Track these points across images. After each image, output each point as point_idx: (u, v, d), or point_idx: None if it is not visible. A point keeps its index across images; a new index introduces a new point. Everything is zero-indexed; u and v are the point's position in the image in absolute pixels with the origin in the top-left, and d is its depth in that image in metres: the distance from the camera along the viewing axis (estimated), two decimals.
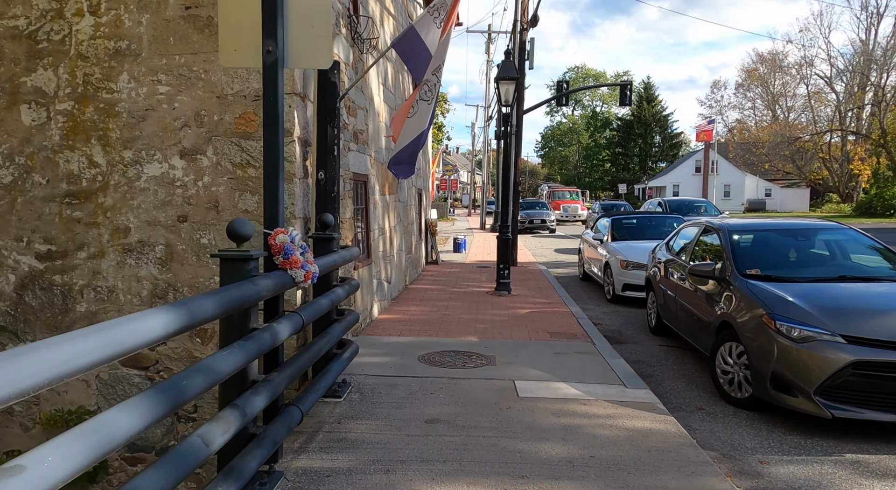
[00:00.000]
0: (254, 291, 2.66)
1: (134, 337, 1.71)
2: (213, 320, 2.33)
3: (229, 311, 2.46)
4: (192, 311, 2.03)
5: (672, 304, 6.78)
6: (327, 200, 4.79)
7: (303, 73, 4.79)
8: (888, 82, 46.10)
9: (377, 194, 8.06)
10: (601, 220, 12.39)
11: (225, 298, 2.36)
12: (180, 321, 1.94)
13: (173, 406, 1.84)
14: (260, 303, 2.99)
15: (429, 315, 8.18)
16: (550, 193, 39.88)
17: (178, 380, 1.98)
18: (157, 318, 1.83)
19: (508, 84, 9.33)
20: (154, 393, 1.79)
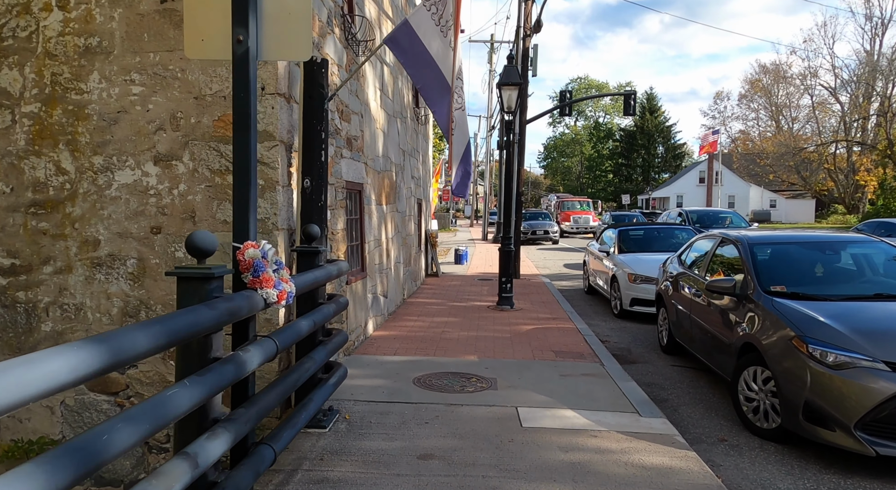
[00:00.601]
0: (209, 318, 2.25)
1: (20, 389, 1.30)
2: (154, 354, 1.92)
3: (179, 341, 2.05)
4: (115, 348, 1.62)
5: (686, 322, 6.34)
6: (314, 210, 4.40)
7: (287, 72, 4.41)
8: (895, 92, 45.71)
9: (373, 204, 7.67)
10: (607, 232, 11.98)
11: (169, 328, 1.95)
12: (95, 363, 1.53)
13: (78, 475, 1.42)
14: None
15: (427, 331, 7.75)
16: (559, 204, 37.65)
17: (94, 436, 1.56)
18: (60, 362, 1.42)
19: (511, 90, 8.97)
20: (50, 460, 1.37)
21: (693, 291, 6.13)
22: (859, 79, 49.27)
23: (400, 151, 9.71)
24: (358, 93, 6.82)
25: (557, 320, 8.79)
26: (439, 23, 4.55)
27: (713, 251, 6.12)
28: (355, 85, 6.67)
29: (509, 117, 9.28)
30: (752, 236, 5.59)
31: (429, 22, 4.49)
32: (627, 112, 22.01)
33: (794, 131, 55.24)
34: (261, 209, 4.30)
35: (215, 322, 2.31)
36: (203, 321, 2.19)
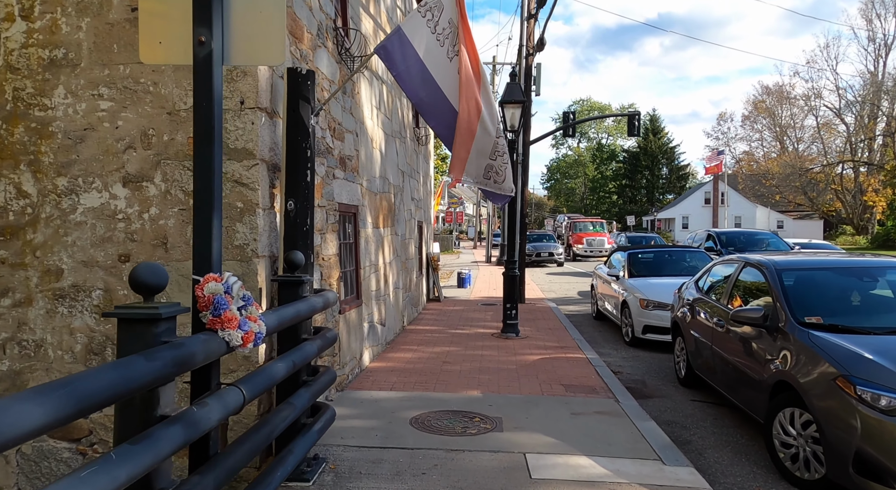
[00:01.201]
0: (144, 373, 1.81)
1: None
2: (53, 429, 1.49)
3: (92, 408, 1.61)
4: None
5: (706, 353, 5.85)
6: (298, 235, 3.98)
7: (270, 85, 4.04)
8: None
9: (369, 227, 7.26)
10: (615, 255, 11.52)
11: (78, 393, 1.51)
12: None
13: None
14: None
15: (427, 363, 7.26)
16: (570, 225, 34.80)
17: None
18: None
19: (514, 108, 8.61)
20: None
21: (715, 320, 5.65)
22: (864, 99, 49.13)
23: (399, 172, 9.34)
24: (353, 110, 6.46)
25: (566, 349, 8.30)
26: (435, 30, 4.19)
27: (735, 277, 5.66)
28: (349, 102, 6.32)
29: (512, 136, 8.91)
30: (778, 261, 5.13)
31: (424, 29, 4.12)
32: (631, 133, 21.68)
33: (800, 152, 54.97)
34: (239, 235, 3.89)
35: (154, 377, 1.86)
36: (137, 377, 1.75)
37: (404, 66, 4.07)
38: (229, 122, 3.89)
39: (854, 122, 50.68)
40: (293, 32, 4.49)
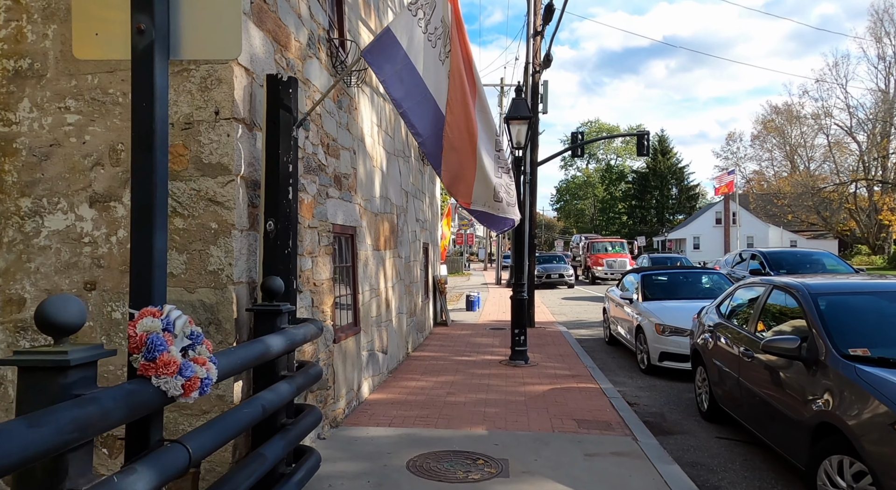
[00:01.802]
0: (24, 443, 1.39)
1: None
2: None
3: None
4: None
5: (732, 385, 5.35)
6: (278, 259, 3.59)
7: (249, 94, 3.69)
8: None
9: (368, 250, 6.87)
10: (628, 277, 11.04)
11: None
12: None
13: None
14: None
15: (430, 394, 6.79)
16: (588, 246, 32.26)
17: None
18: None
19: (520, 124, 8.27)
20: None
21: (741, 349, 5.17)
22: (876, 117, 48.60)
23: (402, 192, 8.99)
24: (350, 127, 6.13)
25: (578, 378, 7.80)
26: (426, 29, 3.84)
27: (763, 302, 5.19)
28: (346, 118, 5.99)
29: (519, 153, 8.55)
30: (812, 284, 4.67)
31: (415, 29, 3.78)
32: (641, 152, 21.36)
33: (811, 171, 54.34)
34: (213, 259, 3.51)
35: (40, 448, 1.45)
36: (14, 450, 1.34)
37: (392, 71, 3.72)
38: (203, 135, 3.54)
39: (866, 141, 50.06)
40: (277, 38, 4.17)
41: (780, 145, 57.81)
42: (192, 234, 3.54)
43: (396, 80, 3.75)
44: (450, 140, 3.96)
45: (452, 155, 4.01)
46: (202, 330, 3.33)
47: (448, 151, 3.99)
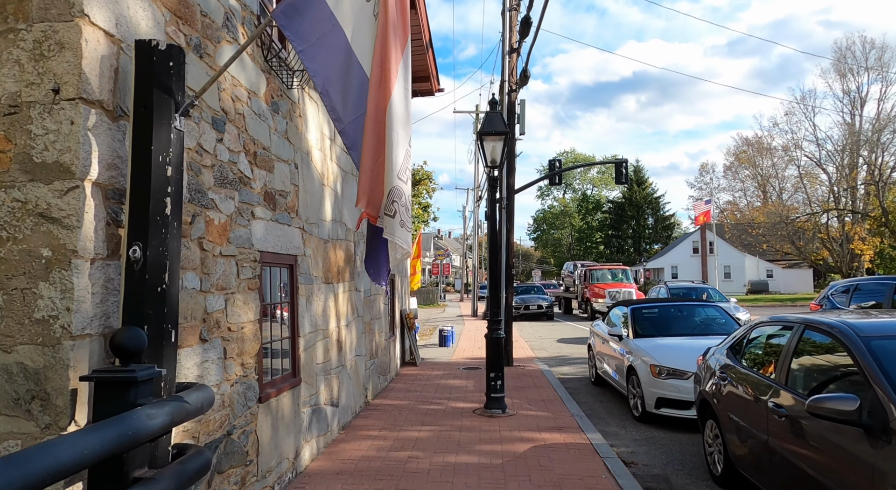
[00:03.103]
0: None
1: None
2: None
3: None
4: None
5: (756, 447, 4.33)
6: (146, 300, 2.48)
7: (111, 67, 2.63)
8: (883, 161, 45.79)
9: (314, 283, 5.76)
10: (615, 310, 10.06)
11: None
12: None
13: None
14: None
15: (387, 458, 5.62)
16: (585, 274, 27.14)
17: None
18: None
19: (495, 140, 7.34)
20: None
21: (769, 404, 4.15)
22: (844, 148, 49.49)
23: None
24: (290, 136, 5.09)
25: (564, 431, 6.70)
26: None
27: (793, 346, 4.21)
28: (284, 124, 4.95)
29: (495, 173, 7.60)
30: (860, 325, 3.70)
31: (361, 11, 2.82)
32: (619, 180, 20.81)
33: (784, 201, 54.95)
34: (42, 302, 2.39)
35: None
36: None
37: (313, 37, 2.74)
38: (35, 123, 2.46)
39: (835, 172, 50.88)
40: (173, 8, 3.15)
41: (753, 176, 58.57)
42: (13, 266, 2.42)
43: (318, 51, 2.77)
44: (370, 124, 2.93)
45: (370, 144, 2.96)
46: (23, 407, 2.19)
47: (368, 140, 2.95)
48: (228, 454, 3.76)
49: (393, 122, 2.96)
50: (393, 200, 3.05)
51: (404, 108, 3.10)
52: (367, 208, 2.99)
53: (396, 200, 3.06)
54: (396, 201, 3.06)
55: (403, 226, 3.15)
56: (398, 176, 3.08)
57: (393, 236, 3.09)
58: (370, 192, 2.96)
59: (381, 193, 2.98)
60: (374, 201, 3.01)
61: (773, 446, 4.07)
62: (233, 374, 3.87)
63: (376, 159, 2.95)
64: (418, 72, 12.10)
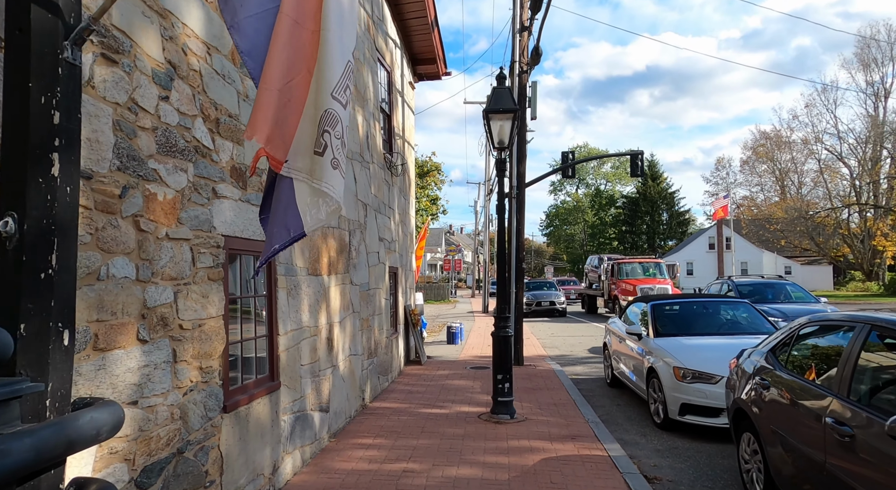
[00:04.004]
0: None
1: None
2: None
3: None
4: None
5: (808, 469, 3.64)
6: (25, 289, 1.86)
7: None
8: None
9: (299, 274, 5.14)
10: (633, 307, 9.36)
11: None
12: None
13: None
14: None
15: (380, 471, 4.99)
16: (612, 269, 23.80)
17: None
18: None
19: (503, 119, 6.66)
20: None
21: (827, 421, 3.46)
22: (866, 141, 48.06)
23: (358, 204, 7.31)
24: None
25: (578, 439, 6.04)
26: None
27: (856, 352, 3.51)
28: None
29: (503, 155, 6.92)
30: None
31: None
32: (635, 173, 20.00)
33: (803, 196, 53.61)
34: None
35: None
36: None
37: None
38: None
39: (857, 166, 49.44)
40: None
41: (771, 170, 57.21)
42: None
43: None
44: (284, 25, 2.19)
45: (283, 55, 2.23)
46: None
47: (280, 46, 2.21)
48: (179, 476, 3.15)
49: (329, 19, 2.27)
50: (324, 130, 2.22)
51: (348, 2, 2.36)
52: (268, 146, 2.23)
53: (329, 130, 2.24)
54: (329, 131, 2.24)
55: (337, 167, 2.29)
56: (333, 94, 2.26)
57: (321, 182, 2.22)
58: (276, 123, 2.16)
59: (295, 124, 2.24)
60: (283, 136, 2.22)
61: (832, 471, 3.38)
62: (186, 381, 3.25)
63: (291, 76, 2.20)
64: (423, 53, 11.46)
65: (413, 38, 10.89)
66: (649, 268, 23.70)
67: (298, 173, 2.27)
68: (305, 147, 2.26)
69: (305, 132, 2.25)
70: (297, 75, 2.24)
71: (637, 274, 23.24)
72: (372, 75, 8.33)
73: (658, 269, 23.67)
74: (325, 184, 2.29)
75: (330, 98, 2.29)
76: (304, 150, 2.25)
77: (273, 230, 2.29)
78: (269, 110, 2.15)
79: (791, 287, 13.89)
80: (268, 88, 2.17)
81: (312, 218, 2.30)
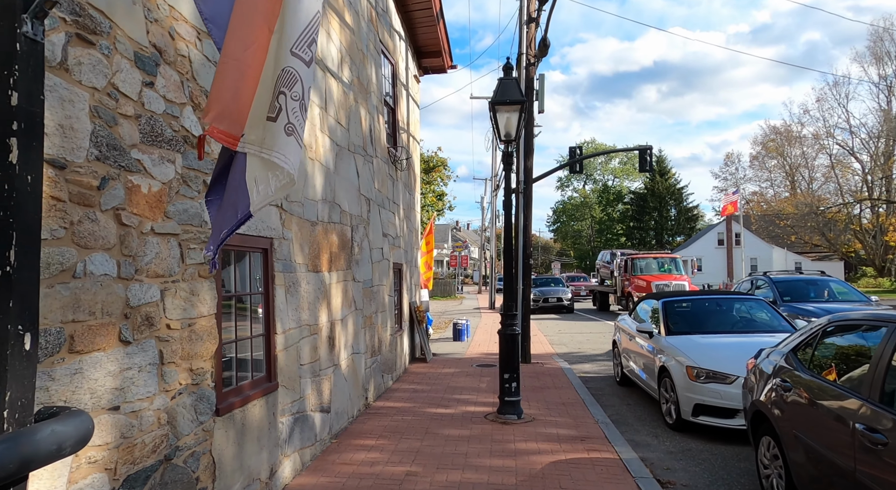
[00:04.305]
0: None
1: None
2: None
3: None
4: None
5: (835, 478, 3.43)
6: None
7: None
8: None
9: (299, 271, 4.96)
10: (644, 304, 9.13)
11: None
12: None
13: None
14: None
15: (380, 476, 4.82)
16: (626, 265, 22.73)
17: None
18: None
19: (510, 111, 6.45)
20: None
21: (858, 427, 3.25)
22: (879, 136, 47.38)
23: (360, 199, 7.13)
24: None
25: (587, 441, 5.84)
26: None
27: (889, 354, 3.29)
28: None
29: (510, 149, 6.71)
30: None
31: None
32: (643, 168, 19.68)
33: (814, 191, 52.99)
34: None
35: None
36: None
37: None
38: None
39: (870, 161, 48.76)
40: None
41: (781, 166, 56.57)
42: None
43: None
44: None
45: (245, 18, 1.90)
46: None
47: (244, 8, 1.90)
48: (167, 484, 2.98)
49: None
50: (280, 91, 1.98)
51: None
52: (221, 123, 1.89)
53: (285, 91, 1.98)
54: (285, 92, 1.98)
55: (292, 134, 2.02)
56: (293, 50, 2.00)
57: (272, 151, 1.95)
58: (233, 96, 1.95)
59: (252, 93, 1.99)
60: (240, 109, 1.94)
61: (863, 480, 3.16)
62: (174, 384, 3.08)
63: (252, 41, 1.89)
64: (428, 46, 11.24)
65: (418, 30, 10.68)
66: (665, 263, 22.67)
67: (251, 146, 2.02)
68: (260, 115, 2.02)
69: (261, 98, 2.02)
70: (257, 40, 1.99)
71: (652, 270, 22.29)
72: (376, 68, 8.13)
73: (674, 265, 22.66)
74: (276, 153, 2.03)
75: (289, 55, 2.04)
76: (258, 119, 2.02)
77: (224, 214, 2.06)
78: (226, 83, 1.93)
79: (836, 284, 12.45)
80: (227, 59, 1.95)
81: (261, 194, 2.05)
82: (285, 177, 2.05)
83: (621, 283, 22.86)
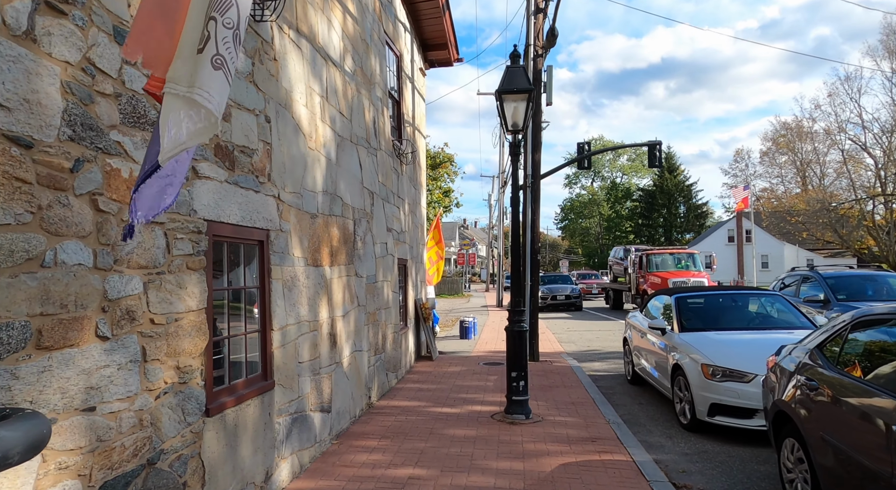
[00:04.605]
0: None
1: None
2: None
3: None
4: None
5: (867, 481, 3.19)
6: None
7: None
8: None
9: (296, 264, 4.76)
10: (655, 300, 8.88)
11: None
12: None
13: None
14: None
15: (381, 479, 4.61)
16: (641, 261, 21.57)
17: None
18: None
19: (517, 100, 6.22)
20: None
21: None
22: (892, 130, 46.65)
23: (364, 192, 6.92)
24: (258, 80, 4.07)
25: (598, 442, 5.62)
26: None
27: None
28: (249, 65, 3.94)
29: (518, 138, 6.47)
30: None
31: None
32: (653, 164, 19.24)
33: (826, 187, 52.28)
34: None
35: None
36: None
37: None
38: None
39: (883, 156, 48.04)
40: None
41: (792, 161, 55.87)
42: None
43: None
44: None
45: None
46: None
47: None
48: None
49: None
50: (210, 17, 1.71)
51: None
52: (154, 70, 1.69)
53: (216, 16, 1.71)
54: (216, 18, 1.71)
55: (221, 67, 1.72)
56: None
57: (194, 88, 1.64)
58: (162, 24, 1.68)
59: (179, 27, 1.73)
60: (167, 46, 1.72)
61: None
62: (159, 382, 2.89)
63: None
64: (434, 38, 11.01)
65: (423, 22, 10.45)
66: (682, 259, 21.46)
67: (174, 86, 1.73)
68: (189, 49, 1.74)
69: (190, 30, 1.75)
70: None
71: (668, 266, 21.14)
72: (380, 59, 7.92)
73: (692, 261, 21.47)
74: (197, 91, 1.73)
75: None
76: (186, 54, 1.74)
77: (142, 170, 1.77)
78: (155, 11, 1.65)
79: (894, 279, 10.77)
80: None
81: (170, 140, 1.73)
82: (204, 119, 1.74)
83: (636, 281, 21.82)
